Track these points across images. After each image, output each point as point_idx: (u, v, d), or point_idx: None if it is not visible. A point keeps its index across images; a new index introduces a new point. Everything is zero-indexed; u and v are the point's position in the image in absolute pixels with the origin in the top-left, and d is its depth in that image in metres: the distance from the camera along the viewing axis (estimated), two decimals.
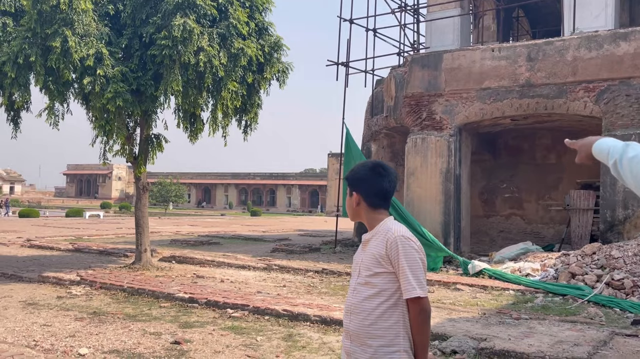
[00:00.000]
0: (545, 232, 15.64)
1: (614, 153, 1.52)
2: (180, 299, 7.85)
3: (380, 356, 2.23)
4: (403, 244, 2.24)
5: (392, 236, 2.27)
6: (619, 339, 5.96)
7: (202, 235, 19.81)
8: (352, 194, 2.42)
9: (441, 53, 13.31)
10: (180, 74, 9.64)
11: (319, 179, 68.01)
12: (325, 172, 61.74)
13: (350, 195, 2.43)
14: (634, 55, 11.09)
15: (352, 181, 2.44)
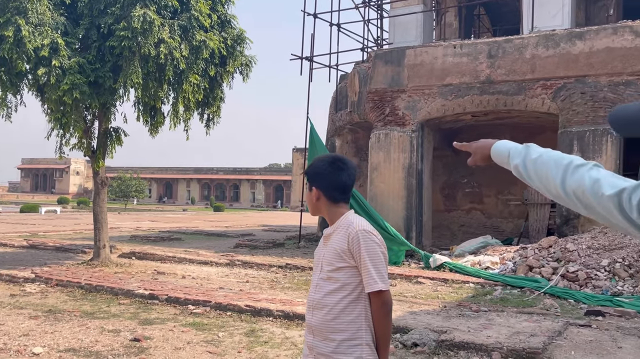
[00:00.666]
0: (504, 227, 15.97)
1: (515, 156, 1.53)
2: (140, 296, 7.70)
3: (343, 350, 2.24)
4: (364, 238, 2.24)
5: (353, 230, 2.26)
6: (573, 330, 6.14)
7: (163, 231, 19.51)
8: (311, 189, 2.40)
9: (404, 49, 13.41)
10: (140, 66, 9.44)
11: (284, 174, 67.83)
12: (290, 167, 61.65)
13: (310, 190, 2.41)
14: (588, 54, 11.40)
15: (311, 175, 2.42)
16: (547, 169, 1.42)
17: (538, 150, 1.49)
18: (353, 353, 2.23)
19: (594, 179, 1.31)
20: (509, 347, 5.17)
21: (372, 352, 2.25)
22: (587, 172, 1.34)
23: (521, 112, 12.45)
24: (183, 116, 10.87)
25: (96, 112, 10.80)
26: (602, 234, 10.11)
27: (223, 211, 47.35)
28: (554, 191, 1.42)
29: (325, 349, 2.27)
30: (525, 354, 5.07)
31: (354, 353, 2.23)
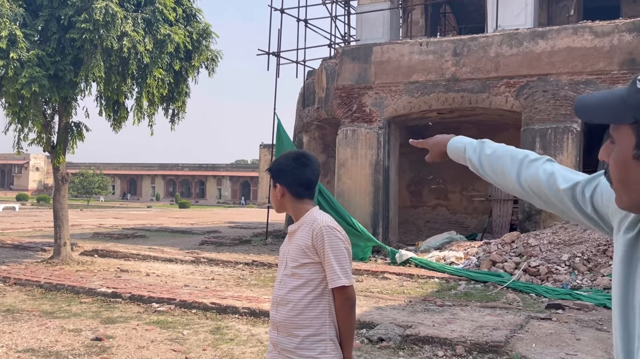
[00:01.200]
0: (469, 222, 16.23)
1: (470, 151, 1.53)
2: (102, 294, 7.55)
3: (307, 345, 2.24)
4: (328, 234, 2.25)
5: (317, 226, 2.27)
6: (534, 323, 6.27)
7: (126, 228, 19.17)
8: (275, 186, 2.39)
9: (371, 46, 13.46)
10: (103, 59, 9.23)
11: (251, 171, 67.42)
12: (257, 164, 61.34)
13: (274, 187, 2.40)
14: (550, 53, 11.65)
15: (275, 172, 2.41)
16: (502, 164, 1.43)
17: (492, 145, 1.49)
18: (317, 348, 2.23)
19: (549, 172, 1.32)
20: (473, 341, 5.25)
21: (335, 347, 2.26)
22: (541, 166, 1.34)
23: (485, 110, 12.65)
24: (147, 110, 10.69)
25: (56, 106, 10.52)
26: (562, 229, 10.36)
27: (189, 207, 46.82)
28: (510, 186, 1.42)
29: (289, 345, 2.27)
30: (488, 348, 5.15)
31: (317, 349, 2.23)
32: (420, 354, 5.17)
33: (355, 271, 9.86)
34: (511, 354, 5.04)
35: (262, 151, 53.71)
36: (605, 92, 0.99)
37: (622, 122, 0.95)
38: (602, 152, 1.03)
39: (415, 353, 5.20)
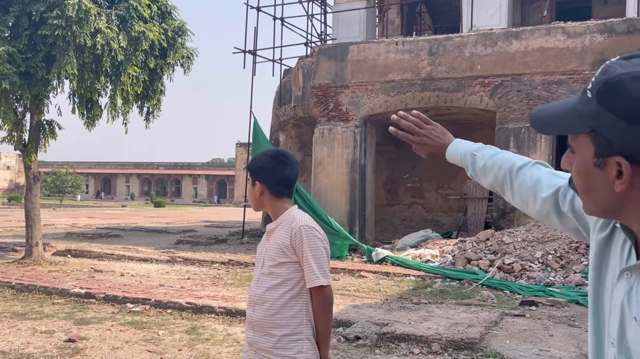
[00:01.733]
0: (444, 220, 16.38)
1: (467, 165, 1.52)
2: (75, 295, 7.42)
3: (284, 344, 2.24)
4: (307, 233, 2.25)
5: (296, 225, 2.27)
6: (508, 319, 6.36)
7: (101, 227, 18.91)
8: (254, 184, 2.38)
9: (347, 45, 13.49)
10: (76, 56, 9.07)
11: (227, 169, 67.03)
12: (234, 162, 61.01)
13: (252, 185, 2.39)
14: (524, 53, 11.82)
15: (254, 170, 2.40)
16: (494, 176, 1.43)
17: (485, 156, 1.46)
18: (294, 347, 2.23)
19: (535, 179, 1.31)
20: (448, 338, 5.30)
21: (312, 346, 2.26)
22: (528, 172, 1.34)
23: (461, 109, 12.78)
24: (121, 109, 10.54)
25: (27, 104, 10.31)
26: (536, 227, 10.52)
27: (164, 206, 46.34)
28: (506, 197, 1.42)
29: (265, 344, 2.26)
30: (463, 345, 5.21)
31: (294, 348, 2.23)
32: (396, 352, 5.20)
33: (332, 269, 9.87)
34: (486, 351, 5.11)
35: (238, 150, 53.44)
36: (558, 104, 1.00)
37: (579, 133, 0.96)
38: (564, 161, 1.04)
39: (391, 351, 5.23)
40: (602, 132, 0.92)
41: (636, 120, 0.87)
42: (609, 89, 0.89)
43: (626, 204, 0.94)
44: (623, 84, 0.88)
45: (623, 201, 0.94)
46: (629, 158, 0.89)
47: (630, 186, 0.91)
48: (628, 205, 0.94)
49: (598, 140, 0.93)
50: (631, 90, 0.88)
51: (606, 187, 0.94)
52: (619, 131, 0.89)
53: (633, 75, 0.88)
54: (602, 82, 0.91)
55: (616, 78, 0.89)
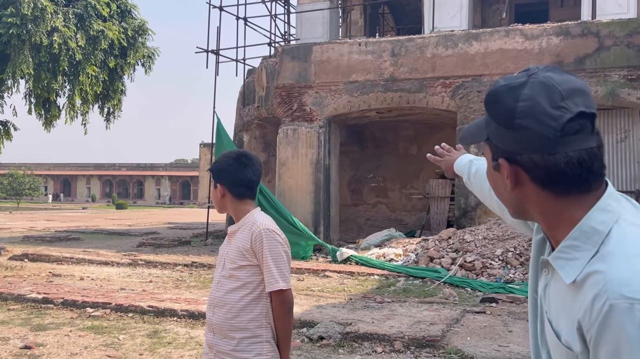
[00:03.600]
0: (408, 220, 16.56)
1: (465, 171, 1.68)
2: (32, 301, 7.22)
3: (243, 347, 2.24)
4: (268, 237, 2.26)
5: (257, 228, 2.27)
6: (469, 316, 6.48)
7: (60, 230, 18.43)
8: (216, 186, 2.37)
9: (311, 45, 13.50)
10: (31, 55, 8.84)
11: (191, 170, 66.27)
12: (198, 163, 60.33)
13: (214, 187, 2.38)
14: (484, 55, 12.05)
15: (216, 172, 2.39)
16: (481, 185, 1.56)
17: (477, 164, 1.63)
18: (253, 350, 2.23)
19: None
20: (410, 336, 5.37)
21: (272, 349, 2.27)
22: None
23: (423, 110, 12.94)
24: (80, 109, 10.35)
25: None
26: (496, 225, 10.74)
27: (126, 208, 45.53)
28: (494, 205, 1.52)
29: (225, 347, 2.26)
30: (425, 342, 5.28)
31: (254, 351, 2.23)
32: (359, 351, 5.23)
33: (297, 270, 9.88)
34: (447, 348, 5.19)
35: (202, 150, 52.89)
36: (480, 119, 1.11)
37: (480, 141, 1.07)
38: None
39: (354, 350, 5.26)
40: (491, 138, 1.03)
41: (509, 125, 0.98)
42: (490, 100, 1.03)
43: (523, 203, 1.03)
44: (499, 94, 1.01)
45: (520, 200, 1.02)
46: (508, 159, 1.00)
47: (519, 184, 1.00)
48: (525, 204, 1.02)
49: (491, 145, 1.04)
50: (505, 99, 0.99)
51: (505, 189, 1.03)
52: (499, 135, 1.01)
53: (510, 86, 1.00)
54: (488, 94, 1.04)
55: (494, 90, 1.02)
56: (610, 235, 0.93)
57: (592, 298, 0.88)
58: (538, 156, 0.96)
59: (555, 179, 0.96)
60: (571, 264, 0.94)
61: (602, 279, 0.88)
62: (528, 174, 0.98)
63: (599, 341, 0.86)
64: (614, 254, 0.90)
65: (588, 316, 0.88)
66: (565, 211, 0.97)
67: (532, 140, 0.96)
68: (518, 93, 0.98)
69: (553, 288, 1.01)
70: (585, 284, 0.90)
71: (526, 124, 0.96)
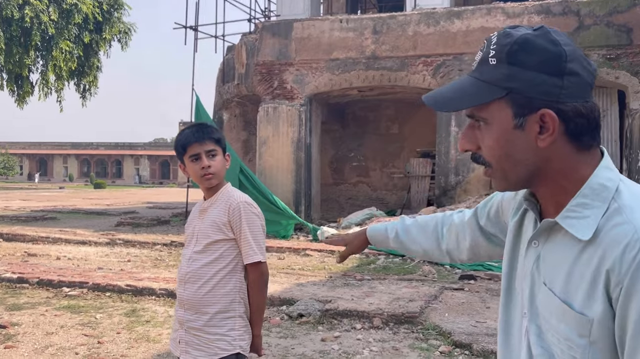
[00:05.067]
0: (389, 199, 16.61)
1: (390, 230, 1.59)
2: (7, 280, 7.09)
3: (215, 322, 2.23)
4: (245, 210, 2.24)
5: (234, 202, 2.25)
6: (448, 293, 6.52)
7: (36, 210, 18.13)
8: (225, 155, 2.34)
9: (291, 22, 13.32)
10: (2, 29, 8.57)
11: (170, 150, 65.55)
12: None
13: (223, 156, 2.33)
14: (465, 33, 12.00)
15: (223, 141, 2.35)
16: (419, 244, 1.53)
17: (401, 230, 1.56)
18: (225, 325, 2.22)
19: (461, 216, 1.44)
20: (389, 312, 5.39)
21: (245, 323, 2.26)
22: (456, 218, 1.46)
23: (404, 88, 12.88)
24: (55, 85, 10.10)
25: None
26: (475, 203, 10.79)
27: (104, 188, 45.01)
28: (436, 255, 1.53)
29: (197, 322, 2.24)
30: (404, 319, 5.30)
31: (226, 325, 2.22)
32: (339, 328, 5.24)
33: (277, 248, 9.85)
34: (425, 324, 5.22)
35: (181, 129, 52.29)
36: (453, 84, 1.03)
37: (492, 99, 0.97)
38: (465, 141, 1.04)
39: (334, 327, 5.27)
40: (521, 91, 0.94)
41: (557, 71, 0.92)
42: (520, 48, 0.94)
43: (551, 160, 0.96)
44: (533, 41, 0.94)
45: (547, 158, 0.96)
46: (553, 109, 0.93)
47: (552, 138, 0.94)
48: (552, 161, 0.96)
49: (516, 100, 0.95)
50: (545, 44, 0.93)
51: (528, 148, 0.96)
52: (538, 85, 0.92)
53: (532, 34, 0.95)
54: (510, 44, 0.95)
55: (522, 37, 0.95)
56: (619, 191, 0.93)
57: (623, 249, 0.87)
58: (581, 103, 0.93)
59: (587, 130, 0.94)
60: (583, 222, 0.93)
61: (630, 229, 0.87)
62: (566, 125, 0.93)
63: (632, 290, 0.85)
64: (632, 207, 0.90)
65: (618, 267, 0.86)
66: (578, 169, 0.96)
67: (579, 86, 0.93)
68: (554, 38, 0.94)
69: (552, 256, 0.98)
70: (608, 237, 0.89)
71: (575, 68, 0.92)
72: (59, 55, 9.31)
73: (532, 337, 1.01)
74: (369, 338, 4.95)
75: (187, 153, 2.27)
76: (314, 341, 4.87)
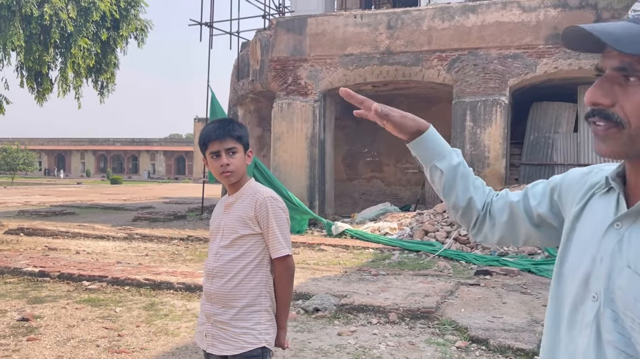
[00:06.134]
0: (402, 194, 16.60)
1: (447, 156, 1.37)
2: (29, 274, 7.24)
3: (242, 316, 2.26)
4: (272, 205, 2.29)
5: (261, 197, 2.29)
6: (464, 289, 6.54)
7: (55, 205, 18.41)
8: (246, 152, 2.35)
9: (306, 17, 13.34)
10: (22, 27, 8.70)
11: (186, 145, 66.03)
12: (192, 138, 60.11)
13: (244, 154, 2.34)
14: (480, 27, 11.94)
15: (248, 139, 2.37)
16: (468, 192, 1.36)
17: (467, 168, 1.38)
18: (252, 319, 2.26)
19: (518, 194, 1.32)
20: (405, 307, 5.42)
21: (270, 317, 2.31)
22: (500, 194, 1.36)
23: (419, 83, 12.86)
24: (73, 82, 10.23)
25: None
26: None
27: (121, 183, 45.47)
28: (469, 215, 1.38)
29: (224, 316, 2.27)
30: (420, 314, 5.33)
31: (252, 319, 2.26)
32: (354, 323, 5.28)
33: (292, 243, 9.87)
34: (441, 319, 5.24)
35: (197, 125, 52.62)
36: (615, 24, 0.94)
37: None
38: (598, 94, 0.97)
39: (350, 321, 5.32)
40: None
41: None
42: None
43: None
44: None
45: None
46: None
47: None
48: None
49: None
50: None
51: None
52: None
53: None
54: None
55: None
56: None
57: None
58: None
59: None
60: None
61: None
62: None
63: None
64: None
65: None
66: None
67: None
68: None
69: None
70: None
71: None
72: (78, 53, 9.41)
73: (607, 322, 0.96)
74: (385, 333, 4.99)
75: (208, 149, 2.31)
76: (330, 336, 4.92)
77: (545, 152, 12.92)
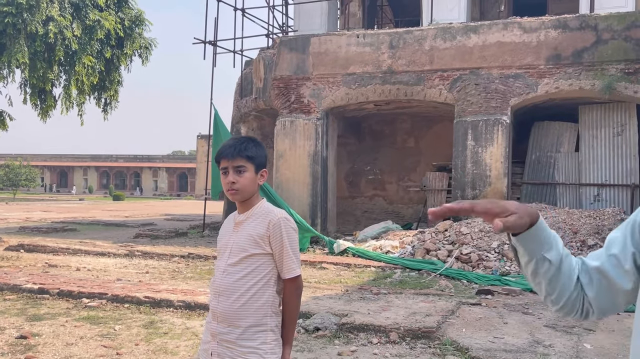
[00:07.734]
0: (404, 212, 16.58)
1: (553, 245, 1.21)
2: (28, 291, 7.21)
3: (248, 336, 2.25)
4: (286, 226, 2.28)
5: (275, 217, 2.28)
6: (465, 308, 6.49)
7: (56, 221, 18.40)
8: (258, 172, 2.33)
9: (309, 37, 13.45)
10: (27, 45, 8.78)
11: (188, 162, 66.18)
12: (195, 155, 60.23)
13: (256, 173, 2.32)
14: (482, 48, 12.02)
15: (264, 161, 2.36)
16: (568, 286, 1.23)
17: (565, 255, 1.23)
18: (258, 338, 2.25)
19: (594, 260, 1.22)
20: (406, 327, 5.38)
21: (276, 337, 2.30)
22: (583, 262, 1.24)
23: (420, 102, 12.91)
24: (76, 99, 10.30)
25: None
26: None
27: (123, 200, 45.48)
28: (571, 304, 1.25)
29: (230, 335, 2.26)
30: (421, 334, 5.29)
31: (258, 339, 2.25)
32: (355, 342, 5.24)
33: None
34: (442, 339, 5.20)
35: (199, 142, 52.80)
36: None
37: None
38: None
39: (350, 341, 5.27)
40: None
41: None
42: None
43: None
44: None
45: None
46: None
47: None
48: None
49: None
50: None
51: None
52: None
53: None
54: None
55: None
56: None
57: None
58: None
59: None
60: None
61: None
62: None
63: None
64: None
65: None
66: None
67: None
68: None
69: None
70: None
71: None
72: (82, 70, 9.49)
73: None
74: (386, 353, 4.94)
75: (220, 165, 2.33)
76: (331, 355, 4.88)
77: (546, 172, 12.92)
